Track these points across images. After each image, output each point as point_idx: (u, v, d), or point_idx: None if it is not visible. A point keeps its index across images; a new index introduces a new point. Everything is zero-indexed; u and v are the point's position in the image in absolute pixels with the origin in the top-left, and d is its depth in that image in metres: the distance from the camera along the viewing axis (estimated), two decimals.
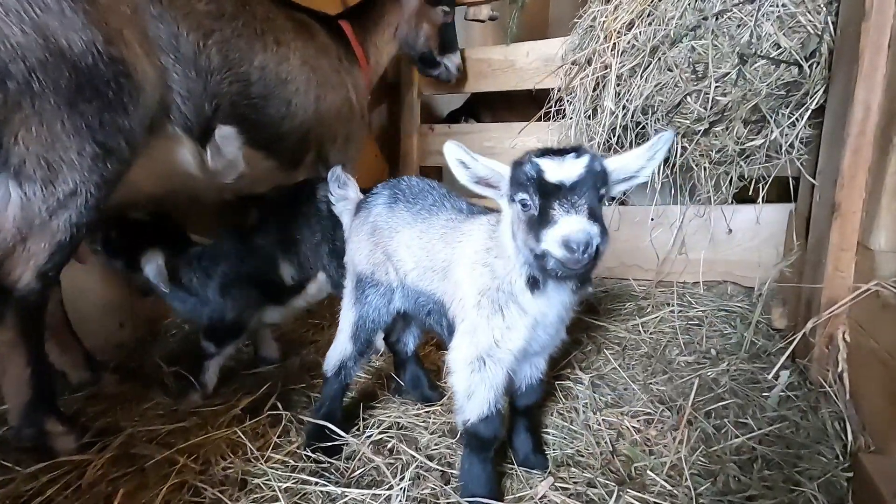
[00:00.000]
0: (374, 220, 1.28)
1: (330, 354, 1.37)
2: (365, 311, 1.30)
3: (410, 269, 1.22)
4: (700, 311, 2.16)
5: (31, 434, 1.25)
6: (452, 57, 2.51)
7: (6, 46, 1.01)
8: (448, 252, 1.14)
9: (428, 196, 1.26)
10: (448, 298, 1.15)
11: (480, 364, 1.05)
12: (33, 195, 1.12)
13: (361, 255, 1.31)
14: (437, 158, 3.03)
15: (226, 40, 1.43)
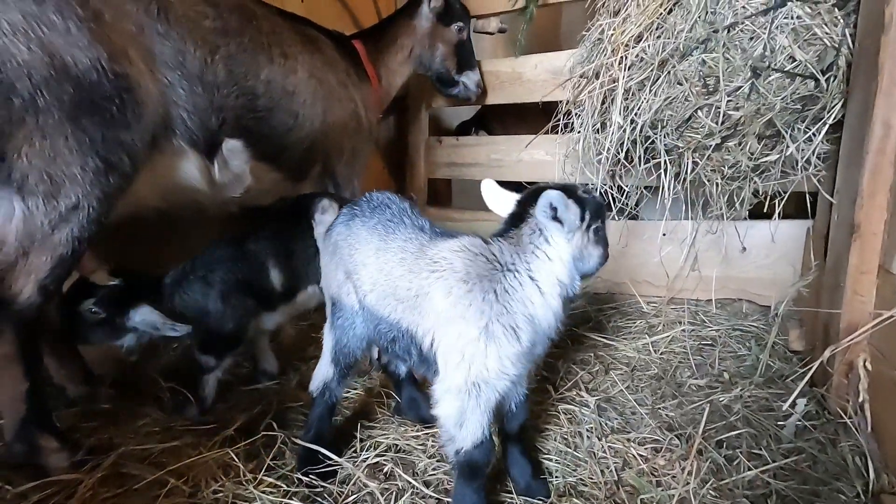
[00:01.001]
0: (334, 240, 1.25)
1: (315, 374, 1.35)
2: (338, 335, 1.27)
3: (368, 291, 1.16)
4: (713, 330, 2.09)
5: (22, 450, 1.24)
6: (471, 74, 2.51)
7: (13, 64, 1.02)
8: (419, 282, 1.07)
9: (385, 210, 1.20)
10: (422, 330, 1.08)
11: (475, 390, 1.01)
12: (36, 209, 1.12)
13: (328, 278, 1.29)
14: (445, 171, 3.02)
15: (232, 55, 1.44)
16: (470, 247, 1.07)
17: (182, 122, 1.35)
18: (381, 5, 2.92)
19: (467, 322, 1.00)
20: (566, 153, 2.13)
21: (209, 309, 1.51)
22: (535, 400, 1.60)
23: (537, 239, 1.05)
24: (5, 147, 1.06)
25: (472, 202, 4.03)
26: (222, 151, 1.47)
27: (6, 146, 1.06)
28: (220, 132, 1.45)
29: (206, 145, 1.43)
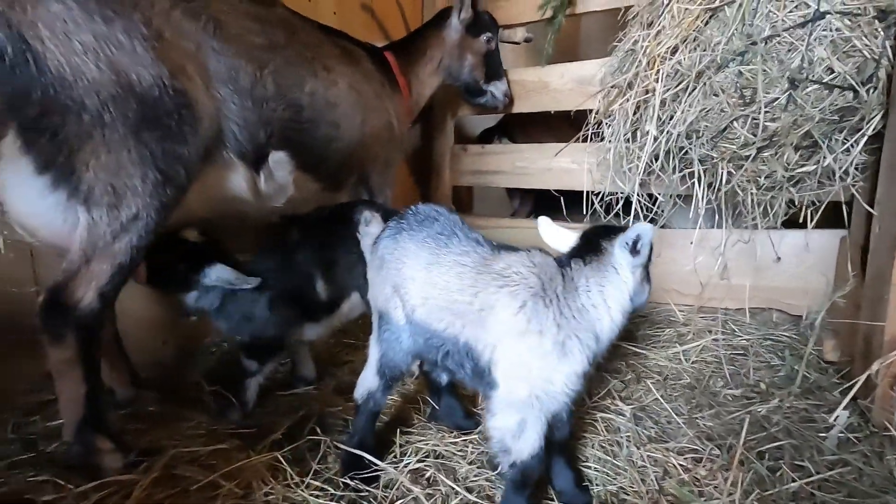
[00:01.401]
0: (381, 254, 1.25)
1: (360, 382, 1.36)
2: (384, 349, 1.28)
3: (419, 305, 1.17)
4: (744, 339, 2.09)
5: (80, 451, 1.28)
6: (499, 84, 2.54)
7: (83, 82, 1.07)
8: (484, 296, 1.08)
9: (433, 223, 1.21)
10: (484, 344, 1.09)
11: (537, 403, 1.04)
12: (99, 219, 1.17)
13: (375, 291, 1.29)
14: (469, 178, 3.05)
15: (279, 70, 1.48)
16: (543, 263, 1.10)
17: (232, 136, 1.39)
18: (408, 16, 2.96)
19: (542, 336, 1.02)
20: (597, 162, 2.15)
21: (255, 315, 1.55)
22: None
23: (612, 266, 1.09)
24: (74, 160, 1.11)
25: (491, 209, 4.07)
26: (268, 163, 1.52)
27: (75, 160, 1.11)
28: (267, 144, 1.49)
29: (254, 157, 1.47)
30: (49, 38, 1.04)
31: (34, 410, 1.50)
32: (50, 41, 1.04)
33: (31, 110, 1.06)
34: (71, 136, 1.09)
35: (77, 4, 1.07)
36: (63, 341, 1.21)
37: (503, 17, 2.70)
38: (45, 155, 1.09)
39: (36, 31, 1.03)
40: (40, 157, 1.09)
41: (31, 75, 1.04)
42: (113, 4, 1.12)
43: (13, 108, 1.05)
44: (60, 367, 1.23)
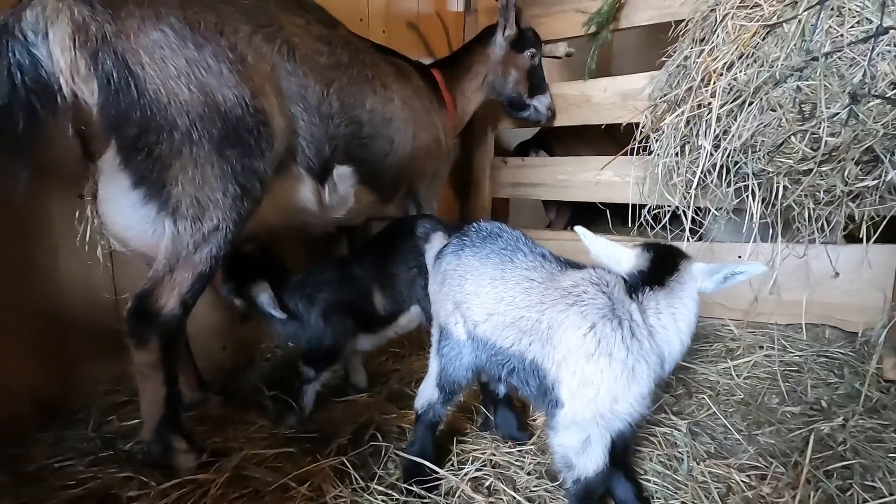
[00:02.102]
0: (444, 269, 1.27)
1: (420, 393, 1.38)
2: (443, 364, 1.29)
3: (482, 321, 1.17)
4: (797, 355, 2.05)
5: (158, 450, 1.35)
6: (542, 98, 2.58)
7: (176, 103, 1.15)
8: (553, 314, 1.08)
9: (497, 239, 1.22)
10: (551, 361, 1.08)
11: (603, 422, 1.05)
12: (184, 230, 1.24)
13: (437, 306, 1.30)
14: (509, 190, 3.08)
15: (343, 88, 1.55)
16: (612, 282, 1.10)
17: (301, 151, 1.46)
18: (451, 34, 3.04)
19: (612, 359, 1.02)
20: (645, 175, 2.15)
21: (311, 325, 1.61)
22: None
23: (687, 290, 1.08)
24: (165, 176, 1.19)
25: (526, 220, 4.09)
26: (333, 176, 1.58)
27: (166, 175, 1.19)
28: (332, 159, 1.56)
29: (320, 171, 1.54)
30: (149, 63, 1.13)
31: (111, 410, 1.59)
32: (149, 66, 1.13)
33: (130, 130, 1.14)
34: (163, 154, 1.17)
35: (173, 32, 1.16)
36: (147, 345, 1.28)
37: (545, 33, 2.74)
38: (140, 171, 1.18)
39: (138, 58, 1.12)
40: (136, 172, 1.18)
41: (133, 98, 1.12)
42: (204, 32, 1.20)
43: (115, 128, 1.14)
44: (144, 369, 1.30)
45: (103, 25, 1.08)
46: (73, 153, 1.40)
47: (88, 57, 1.07)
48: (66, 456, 1.39)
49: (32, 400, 1.49)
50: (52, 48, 1.04)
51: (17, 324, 1.45)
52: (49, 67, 1.07)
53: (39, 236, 1.47)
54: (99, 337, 1.61)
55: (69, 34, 1.05)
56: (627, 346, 1.02)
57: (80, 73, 1.08)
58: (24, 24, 1.05)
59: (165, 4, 1.16)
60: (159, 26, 1.14)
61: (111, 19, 1.09)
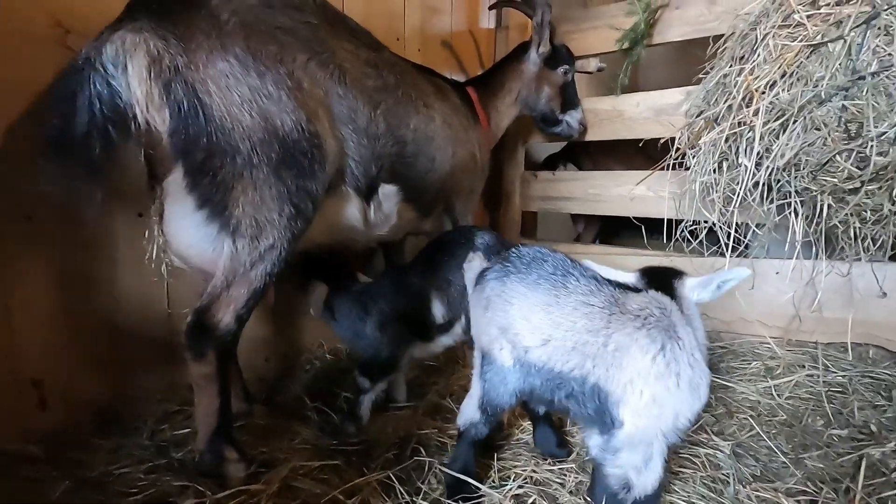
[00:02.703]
0: (487, 295, 1.26)
1: (462, 411, 1.38)
2: (486, 388, 1.28)
3: (535, 346, 1.18)
4: (840, 376, 2.00)
5: (211, 460, 1.40)
6: (574, 113, 2.60)
7: (240, 129, 1.21)
8: (619, 337, 1.10)
9: (542, 264, 1.22)
10: (616, 383, 1.09)
11: (663, 439, 1.08)
12: (241, 249, 1.30)
13: (480, 331, 1.30)
14: (539, 204, 3.10)
15: (389, 109, 1.60)
16: (669, 304, 1.14)
17: (350, 171, 1.51)
18: (482, 51, 3.09)
19: (680, 379, 1.05)
20: (681, 191, 2.15)
21: (367, 335, 1.65)
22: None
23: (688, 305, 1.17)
24: (228, 198, 1.25)
25: (553, 233, 4.09)
26: (378, 195, 1.63)
27: (229, 197, 1.25)
28: (378, 178, 1.61)
29: (366, 190, 1.59)
30: (215, 91, 1.19)
31: (164, 419, 1.65)
32: (216, 94, 1.19)
33: (198, 155, 1.20)
34: (227, 177, 1.23)
35: (238, 62, 1.22)
36: (205, 358, 1.34)
37: (577, 48, 2.77)
38: (205, 193, 1.24)
39: (206, 87, 1.18)
40: (201, 195, 1.24)
41: (200, 125, 1.19)
42: (265, 60, 1.26)
43: (184, 153, 1.20)
44: (200, 381, 1.36)
45: (175, 57, 1.15)
46: (135, 175, 1.48)
47: (162, 87, 1.14)
48: (124, 463, 1.45)
49: (92, 408, 1.56)
50: (130, 80, 1.11)
51: (81, 334, 1.53)
52: (125, 97, 1.14)
53: (102, 252, 1.55)
54: (153, 348, 1.69)
55: (146, 66, 1.12)
56: (691, 364, 1.07)
57: (154, 103, 1.15)
58: (105, 57, 1.12)
59: (231, 36, 1.22)
60: (226, 57, 1.20)
61: (182, 51, 1.16)
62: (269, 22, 1.30)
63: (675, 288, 1.17)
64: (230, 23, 1.23)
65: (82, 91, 1.11)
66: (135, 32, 1.12)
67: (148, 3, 1.20)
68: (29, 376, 1.43)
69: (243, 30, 1.24)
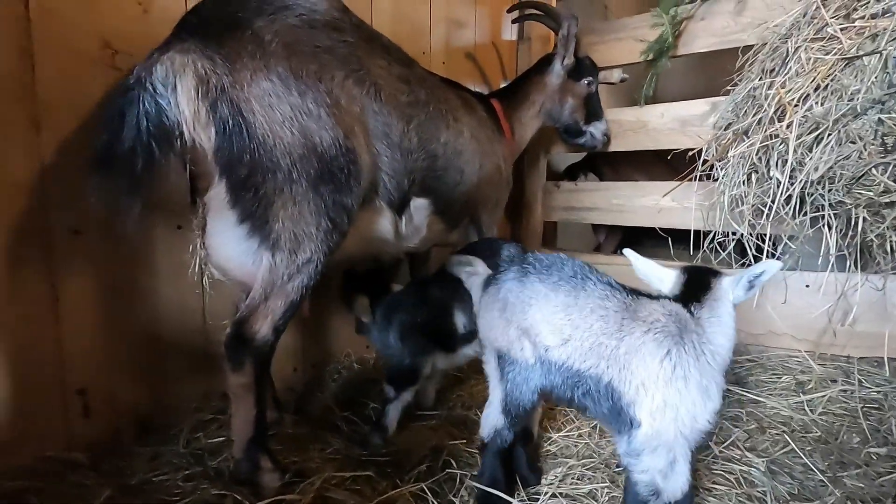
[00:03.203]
0: (504, 296, 1.29)
1: (484, 421, 1.39)
2: (509, 388, 1.30)
3: (555, 345, 1.21)
4: (875, 391, 1.96)
5: (247, 469, 1.42)
6: (598, 124, 2.60)
7: (281, 146, 1.25)
8: (631, 340, 1.14)
9: (562, 268, 1.27)
10: (629, 385, 1.14)
11: (685, 442, 1.10)
12: (280, 262, 1.33)
13: (496, 333, 1.32)
14: (561, 214, 3.10)
15: (421, 124, 1.63)
16: (677, 311, 1.16)
17: (383, 185, 1.54)
18: (505, 63, 3.11)
19: (688, 382, 1.08)
20: (710, 203, 2.13)
21: (390, 344, 1.67)
22: (698, 457, 1.59)
23: (724, 305, 1.18)
24: (269, 213, 1.28)
25: (573, 242, 4.08)
26: (410, 208, 1.66)
27: (269, 212, 1.28)
28: (409, 192, 1.64)
29: (399, 203, 1.61)
30: (259, 110, 1.23)
31: (199, 427, 1.68)
32: (259, 113, 1.23)
33: (241, 171, 1.24)
34: (268, 192, 1.27)
35: (281, 81, 1.26)
36: (243, 369, 1.36)
37: (601, 59, 2.78)
38: (247, 208, 1.27)
39: (250, 105, 1.22)
40: (243, 209, 1.28)
41: (244, 142, 1.22)
42: (306, 79, 1.30)
43: (227, 169, 1.24)
44: (238, 391, 1.38)
45: (222, 77, 1.19)
46: (174, 189, 1.52)
47: (209, 106, 1.18)
48: (162, 470, 1.47)
49: (132, 416, 1.60)
50: (179, 99, 1.16)
51: (123, 344, 1.57)
52: (171, 115, 1.18)
53: (143, 264, 1.60)
54: (189, 358, 1.73)
55: (194, 86, 1.16)
56: (699, 369, 1.10)
57: (200, 121, 1.19)
58: (155, 77, 1.16)
59: (274, 56, 1.26)
60: (269, 76, 1.24)
61: (228, 71, 1.20)
62: (309, 42, 1.34)
63: (711, 288, 1.19)
64: (273, 43, 1.27)
65: (131, 109, 1.16)
66: (183, 53, 1.17)
67: (195, 25, 1.25)
68: (74, 385, 1.47)
69: (285, 50, 1.28)
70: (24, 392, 1.37)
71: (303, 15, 1.35)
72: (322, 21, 1.40)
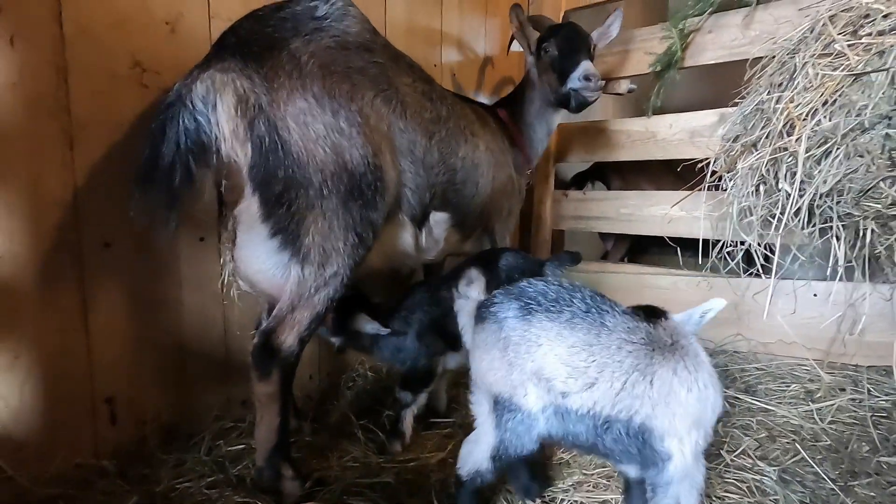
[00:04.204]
0: (506, 336, 1.16)
1: (464, 458, 1.27)
2: (506, 437, 1.18)
3: (577, 391, 1.11)
4: (884, 400, 1.99)
5: (269, 476, 1.45)
6: (573, 74, 2.18)
7: (314, 163, 1.29)
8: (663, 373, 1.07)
9: (573, 300, 1.15)
10: (661, 422, 1.07)
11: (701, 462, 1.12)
12: (309, 275, 1.37)
13: (496, 376, 1.18)
14: (570, 223, 3.14)
15: (442, 139, 1.68)
16: (684, 329, 1.17)
17: (406, 200, 1.58)
18: (515, 74, 3.16)
19: (706, 401, 1.08)
20: (718, 214, 2.17)
21: (406, 346, 1.71)
22: (709, 465, 1.61)
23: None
24: (300, 227, 1.32)
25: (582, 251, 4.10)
26: (430, 222, 1.70)
27: (301, 227, 1.32)
28: (430, 205, 1.68)
29: (420, 217, 1.66)
30: (294, 128, 1.27)
31: (220, 435, 1.71)
32: (294, 131, 1.27)
33: (275, 187, 1.28)
34: (300, 208, 1.31)
35: (315, 101, 1.30)
36: (269, 378, 1.40)
37: (609, 71, 2.83)
38: (279, 222, 1.31)
39: (286, 123, 1.27)
40: (275, 224, 1.32)
41: (279, 159, 1.26)
42: (339, 99, 1.34)
43: (262, 185, 1.28)
44: (264, 399, 1.42)
45: (260, 96, 1.24)
46: (200, 202, 1.56)
47: (247, 124, 1.23)
48: (187, 477, 1.50)
49: (157, 424, 1.63)
50: (219, 117, 1.20)
51: (149, 353, 1.60)
52: (209, 131, 1.22)
53: (169, 276, 1.63)
54: (211, 367, 1.76)
55: (233, 104, 1.21)
56: (714, 385, 1.11)
57: (238, 138, 1.23)
58: (195, 94, 1.21)
59: (310, 76, 1.31)
60: (305, 96, 1.28)
61: (266, 91, 1.24)
62: (343, 63, 1.39)
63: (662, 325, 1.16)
64: (309, 64, 1.31)
65: (171, 125, 1.20)
66: (223, 72, 1.21)
67: (234, 44, 1.29)
68: (103, 394, 1.50)
69: (321, 70, 1.33)
70: (54, 401, 1.41)
71: (336, 37, 1.40)
72: (355, 43, 1.45)
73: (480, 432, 1.25)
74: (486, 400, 1.22)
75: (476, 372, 1.26)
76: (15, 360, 1.31)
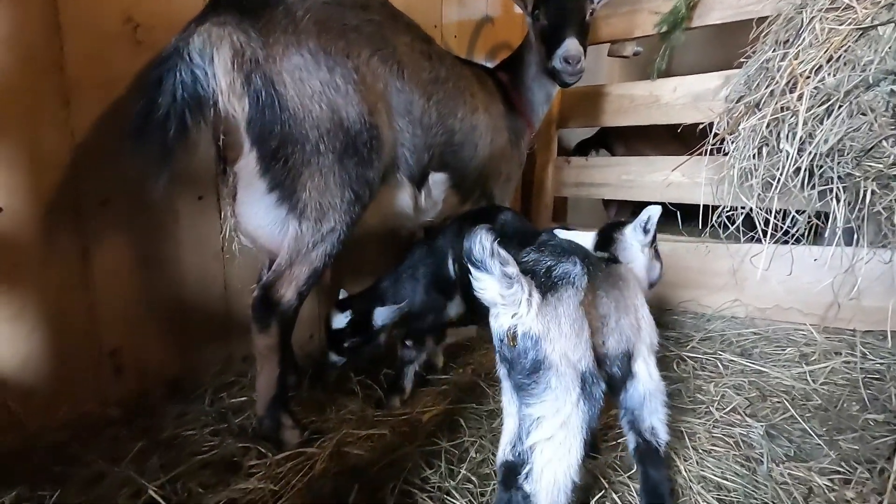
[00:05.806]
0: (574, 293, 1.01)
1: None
2: (591, 414, 1.00)
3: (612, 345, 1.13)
4: (879, 363, 2.01)
5: (269, 425, 1.51)
6: (557, 53, 2.05)
7: (310, 119, 1.30)
8: (638, 303, 1.23)
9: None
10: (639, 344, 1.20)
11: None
12: (306, 230, 1.39)
13: (565, 343, 0.98)
14: (572, 190, 3.12)
15: (441, 100, 1.67)
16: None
17: (404, 160, 1.59)
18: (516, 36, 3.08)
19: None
20: (719, 177, 2.15)
21: (416, 301, 1.75)
22: (699, 422, 1.65)
23: (631, 250, 1.36)
24: (297, 183, 1.34)
25: (585, 218, 4.10)
26: (428, 182, 1.70)
27: (297, 182, 1.34)
28: (428, 166, 1.68)
29: (418, 178, 1.66)
30: (290, 84, 1.28)
31: (222, 388, 1.77)
32: (290, 86, 1.28)
33: (272, 142, 1.29)
34: (297, 163, 1.32)
35: (311, 57, 1.30)
36: (269, 330, 1.44)
37: (615, 33, 2.76)
38: (276, 178, 1.33)
39: (282, 79, 1.27)
40: (273, 179, 1.33)
41: (276, 114, 1.27)
42: (335, 56, 1.34)
43: (259, 140, 1.29)
44: (264, 351, 1.46)
45: (256, 51, 1.24)
46: (197, 160, 1.57)
47: (244, 78, 1.23)
48: (190, 426, 1.57)
49: (160, 376, 1.69)
50: (216, 70, 1.20)
51: (152, 309, 1.65)
52: (206, 85, 1.22)
53: (168, 233, 1.66)
54: (211, 323, 1.81)
55: (230, 58, 1.21)
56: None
57: (235, 92, 1.23)
58: (192, 47, 1.20)
59: (305, 32, 1.30)
60: (300, 51, 1.28)
61: (262, 45, 1.24)
62: (338, 19, 1.38)
63: (616, 238, 1.37)
64: (304, 20, 1.30)
65: (168, 78, 1.20)
66: (220, 26, 1.21)
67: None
68: (107, 347, 1.55)
69: (316, 26, 1.32)
70: (60, 353, 1.46)
71: None
72: (351, 1, 1.43)
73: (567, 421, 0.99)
74: (574, 383, 0.99)
75: (550, 352, 0.98)
76: (22, 308, 1.36)
